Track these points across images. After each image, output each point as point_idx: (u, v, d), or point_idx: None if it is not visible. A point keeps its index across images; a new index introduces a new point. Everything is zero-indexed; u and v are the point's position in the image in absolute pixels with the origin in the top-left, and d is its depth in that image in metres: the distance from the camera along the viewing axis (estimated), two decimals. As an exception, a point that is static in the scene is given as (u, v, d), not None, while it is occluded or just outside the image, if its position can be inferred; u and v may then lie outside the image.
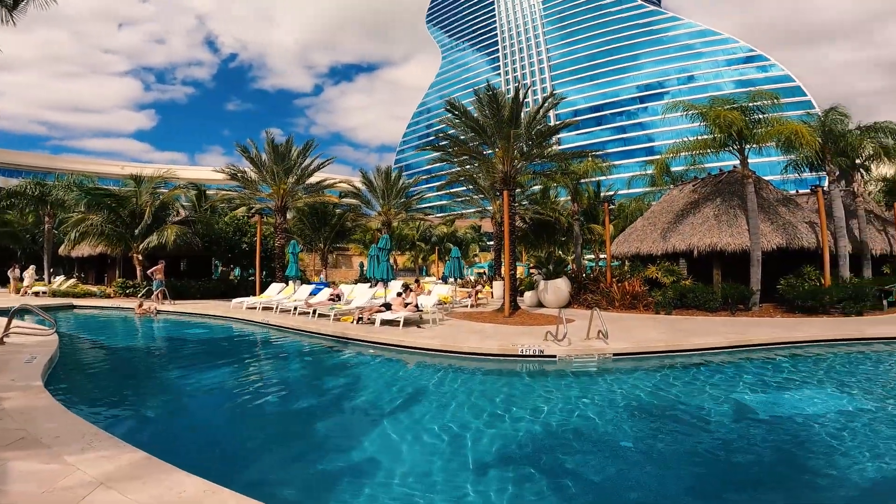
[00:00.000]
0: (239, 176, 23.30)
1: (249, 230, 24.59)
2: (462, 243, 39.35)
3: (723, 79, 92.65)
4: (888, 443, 4.86)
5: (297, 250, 19.02)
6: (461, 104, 18.60)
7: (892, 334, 9.98)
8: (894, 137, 15.58)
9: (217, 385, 7.76)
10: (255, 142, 23.40)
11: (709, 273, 16.14)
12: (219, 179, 25.81)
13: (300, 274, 18.94)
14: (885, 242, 18.16)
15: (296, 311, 14.07)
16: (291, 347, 11.29)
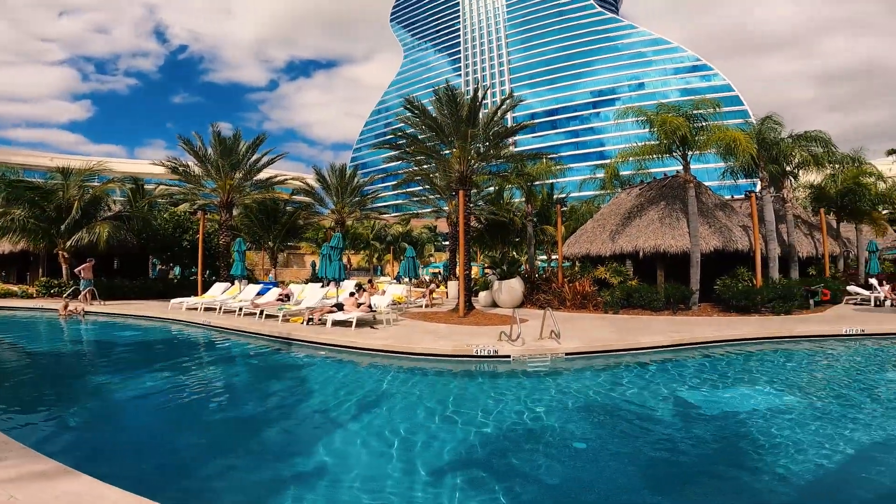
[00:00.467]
0: (181, 170, 21.97)
1: (192, 227, 23.23)
2: (417, 243, 39.13)
3: (670, 87, 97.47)
4: (819, 435, 5.17)
5: (242, 248, 18.16)
6: (420, 102, 18.40)
7: (818, 332, 10.77)
8: (822, 145, 16.88)
9: (150, 391, 7.19)
10: (200, 135, 22.21)
11: (653, 273, 16.82)
12: (159, 174, 24.24)
13: (246, 273, 18.09)
14: (811, 246, 19.72)
15: (241, 312, 13.38)
16: (235, 350, 10.70)
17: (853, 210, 20.31)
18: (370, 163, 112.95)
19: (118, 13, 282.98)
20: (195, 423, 5.85)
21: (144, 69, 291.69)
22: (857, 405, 6.42)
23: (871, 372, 8.54)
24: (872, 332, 10.67)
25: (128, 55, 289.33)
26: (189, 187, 22.55)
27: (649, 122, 15.84)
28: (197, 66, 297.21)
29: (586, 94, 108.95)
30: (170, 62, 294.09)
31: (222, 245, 20.84)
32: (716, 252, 15.89)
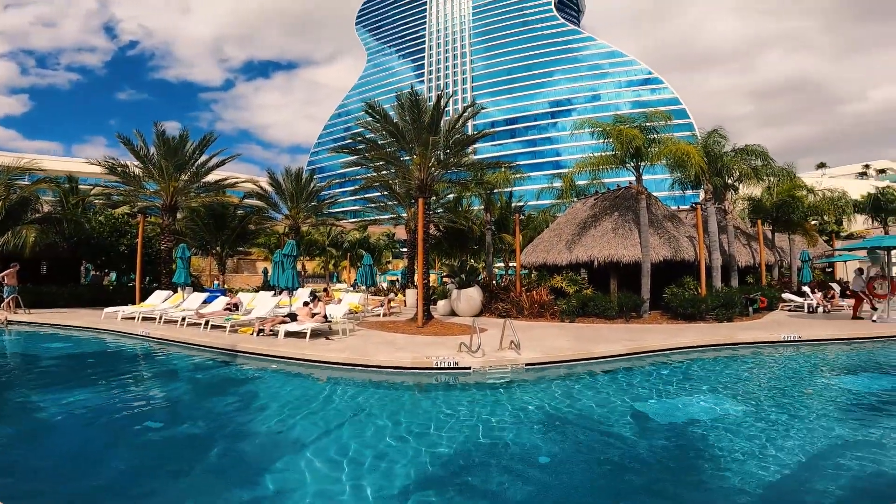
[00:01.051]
0: (119, 170, 20.47)
1: (130, 231, 21.67)
2: (375, 250, 38.50)
3: (623, 99, 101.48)
4: (765, 441, 5.35)
5: (187, 255, 17.08)
6: (381, 107, 17.93)
7: (759, 339, 11.37)
8: (761, 158, 18.01)
9: (78, 409, 6.50)
10: (142, 134, 20.82)
11: (607, 282, 17.31)
12: (97, 173, 22.45)
13: (191, 280, 17.03)
14: (749, 255, 20.95)
15: (184, 323, 12.51)
16: (176, 363, 9.94)
17: (787, 221, 21.80)
18: (328, 167, 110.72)
19: (68, 7, 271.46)
20: (128, 445, 5.31)
21: (89, 64, 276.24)
22: (801, 410, 6.75)
23: (813, 377, 9.06)
24: (808, 339, 11.39)
25: (72, 50, 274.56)
26: (129, 189, 21.06)
27: (606, 134, 16.27)
28: (146, 62, 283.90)
29: (545, 104, 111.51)
30: (117, 58, 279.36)
31: (164, 251, 19.52)
32: (665, 262, 16.51)
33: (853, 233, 32.47)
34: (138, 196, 21.15)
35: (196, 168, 22.05)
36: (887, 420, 6.22)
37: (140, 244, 18.08)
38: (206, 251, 28.09)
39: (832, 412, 6.67)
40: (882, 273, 14.43)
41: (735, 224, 20.90)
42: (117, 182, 21.33)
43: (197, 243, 26.71)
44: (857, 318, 14.62)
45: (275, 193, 28.82)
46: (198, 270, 27.72)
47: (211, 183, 23.84)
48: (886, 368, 9.68)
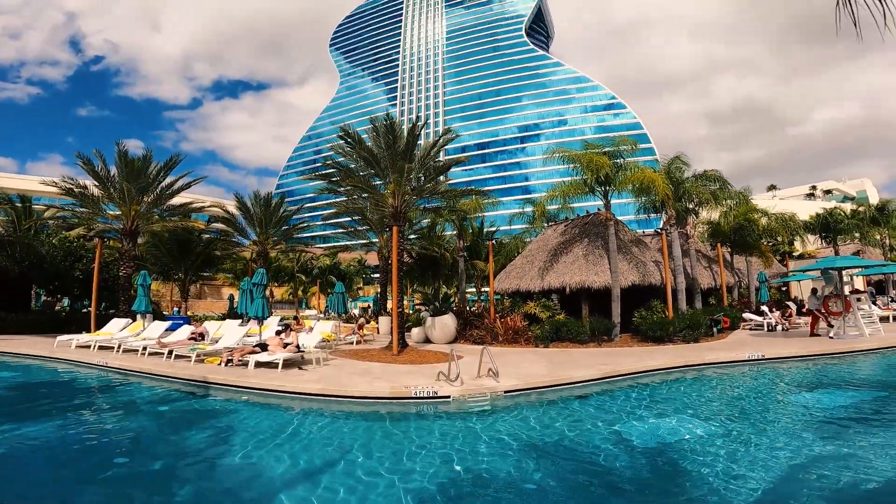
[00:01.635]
0: (77, 192, 19.54)
1: (86, 255, 20.53)
2: (346, 276, 37.82)
3: (587, 124, 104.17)
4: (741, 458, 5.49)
5: (147, 282, 16.34)
6: (356, 132, 17.77)
7: (726, 359, 11.82)
8: (718, 183, 19.00)
9: (26, 444, 5.98)
10: (102, 154, 20.03)
11: (579, 307, 17.60)
12: (51, 192, 21.32)
13: (151, 308, 16.23)
14: (711, 278, 21.89)
15: (145, 352, 11.85)
16: (137, 395, 9.34)
17: (744, 244, 22.98)
18: (297, 191, 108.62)
19: (34, 19, 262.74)
20: (83, 482, 4.89)
21: (51, 78, 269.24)
22: (772, 426, 6.99)
23: (780, 394, 9.45)
24: (771, 357, 11.94)
25: (34, 63, 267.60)
26: (86, 211, 20.05)
27: (575, 162, 16.76)
28: (111, 78, 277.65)
29: (514, 128, 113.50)
30: (80, 73, 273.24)
31: (123, 277, 18.57)
32: (633, 286, 17.01)
33: (805, 252, 34.29)
34: (96, 219, 20.16)
35: (160, 191, 21.33)
36: (854, 433, 6.53)
37: (97, 270, 17.16)
38: (167, 277, 26.85)
39: (803, 427, 6.93)
40: (835, 292, 15.29)
41: (697, 248, 21.81)
42: (74, 202, 20.27)
43: (158, 269, 25.53)
44: (814, 335, 15.42)
45: (242, 218, 28.06)
46: (157, 296, 26.38)
47: (175, 206, 23.03)
48: (848, 383, 10.27)
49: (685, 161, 19.27)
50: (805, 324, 17.40)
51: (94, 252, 18.55)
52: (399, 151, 15.89)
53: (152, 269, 24.32)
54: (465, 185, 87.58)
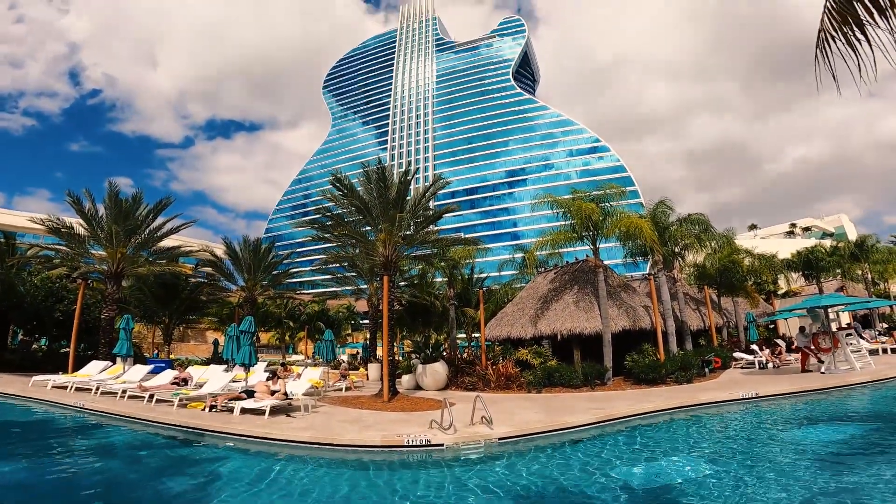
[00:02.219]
0: (63, 231, 19.28)
1: (68, 296, 19.98)
2: (334, 323, 37.19)
3: (572, 168, 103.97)
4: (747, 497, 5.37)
5: (131, 326, 15.90)
6: (347, 179, 17.73)
7: (720, 399, 11.77)
8: (702, 226, 19.47)
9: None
10: (91, 193, 19.89)
11: (570, 353, 17.55)
12: (37, 230, 21.01)
13: (133, 352, 15.67)
14: (700, 319, 22.10)
15: (125, 395, 11.34)
16: (114, 439, 8.85)
17: (729, 285, 23.36)
18: (287, 235, 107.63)
19: (37, 48, 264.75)
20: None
21: (47, 110, 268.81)
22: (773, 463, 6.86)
23: (778, 430, 9.37)
24: (765, 395, 11.94)
25: (33, 94, 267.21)
26: (71, 251, 19.67)
27: (565, 209, 17.15)
28: (106, 113, 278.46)
29: (502, 173, 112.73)
30: (77, 106, 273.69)
31: (105, 320, 18.03)
32: (624, 331, 17.10)
33: (789, 290, 34.81)
34: (81, 260, 19.76)
35: (148, 233, 21.14)
36: (853, 465, 6.49)
37: (78, 311, 16.69)
38: (151, 320, 26.09)
39: (803, 463, 6.83)
40: (823, 329, 15.58)
41: (684, 290, 22.08)
42: (59, 241, 19.91)
43: (142, 313, 24.85)
44: (805, 371, 15.57)
45: (230, 263, 27.76)
46: (139, 338, 25.48)
47: (163, 249, 22.79)
48: (844, 416, 10.30)
49: (669, 205, 19.82)
50: (795, 360, 17.58)
51: (75, 293, 18.09)
52: (390, 200, 15.84)
53: (136, 312, 23.68)
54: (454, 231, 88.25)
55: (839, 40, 3.00)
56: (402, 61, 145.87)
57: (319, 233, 19.14)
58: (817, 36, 3.12)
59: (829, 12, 3.03)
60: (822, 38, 3.09)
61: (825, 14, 3.04)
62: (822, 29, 3.08)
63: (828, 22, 3.05)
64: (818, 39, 3.11)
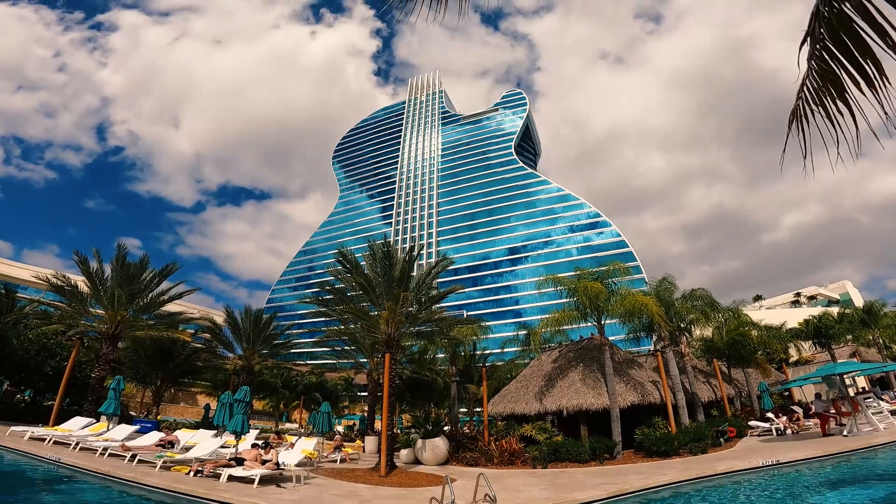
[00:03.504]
0: (67, 290, 19.30)
1: (60, 352, 19.51)
2: (332, 394, 35.64)
3: (573, 244, 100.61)
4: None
5: (121, 387, 15.40)
6: (353, 256, 17.73)
7: (739, 468, 11.00)
8: (707, 303, 19.36)
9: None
10: (100, 253, 20.14)
11: (576, 427, 16.89)
12: (40, 284, 21.02)
13: (120, 412, 14.97)
14: (710, 391, 21.30)
15: (105, 453, 10.67)
16: (87, 497, 8.17)
17: (739, 357, 22.77)
18: (288, 306, 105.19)
19: (72, 98, 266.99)
20: None
21: (70, 164, 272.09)
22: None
23: (803, 496, 8.66)
24: (788, 461, 11.17)
25: (59, 146, 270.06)
26: (71, 309, 19.49)
27: (569, 288, 17.18)
28: (126, 171, 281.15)
29: (504, 249, 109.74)
30: (99, 162, 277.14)
31: (96, 378, 17.46)
32: (632, 406, 16.57)
33: (801, 358, 34.06)
34: (80, 318, 19.55)
35: (150, 298, 21.14)
36: None
37: (69, 367, 16.29)
38: (143, 381, 25.15)
39: None
40: (841, 395, 15.16)
41: (693, 364, 21.56)
42: (60, 298, 19.82)
43: (135, 373, 24.04)
44: (827, 435, 14.83)
45: (229, 331, 27.39)
46: (126, 397, 24.31)
47: (163, 315, 22.65)
48: (873, 476, 9.63)
49: (673, 282, 19.96)
50: (815, 425, 16.87)
51: (69, 349, 17.71)
52: (395, 278, 15.76)
53: (128, 372, 22.93)
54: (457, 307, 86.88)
55: (818, 111, 2.80)
56: (409, 133, 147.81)
57: (324, 309, 18.99)
58: (795, 104, 2.91)
59: (809, 80, 2.83)
60: (799, 107, 2.90)
61: (806, 81, 2.84)
62: (800, 98, 2.89)
63: (806, 91, 2.85)
64: (795, 108, 2.91)
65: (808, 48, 2.74)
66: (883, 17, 2.29)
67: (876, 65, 2.46)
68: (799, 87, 2.90)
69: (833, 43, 2.58)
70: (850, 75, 2.58)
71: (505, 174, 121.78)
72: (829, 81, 2.72)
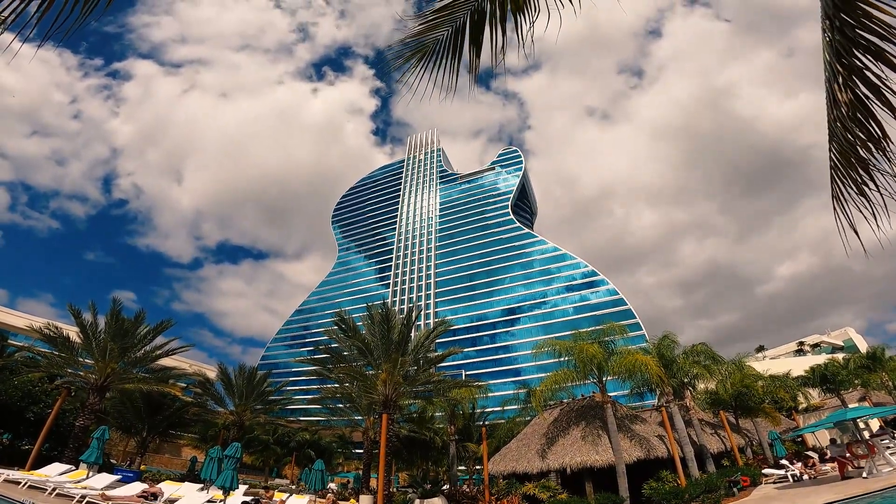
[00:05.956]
0: (59, 341, 19.02)
1: (45, 399, 18.90)
2: (326, 451, 33.76)
3: (569, 304, 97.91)
4: None
5: (106, 437, 14.81)
6: (351, 318, 17.81)
7: None
8: (709, 357, 19.12)
9: None
10: (95, 305, 19.84)
11: (581, 485, 16.34)
12: (31, 333, 20.64)
13: (102, 461, 14.27)
14: (719, 442, 20.61)
15: (83, 501, 10.07)
16: None
17: (746, 408, 22.14)
18: (283, 363, 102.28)
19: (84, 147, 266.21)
20: None
21: (74, 214, 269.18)
22: None
23: None
24: None
25: (66, 195, 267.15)
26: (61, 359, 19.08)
27: (567, 353, 17.10)
28: (127, 224, 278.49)
29: (499, 311, 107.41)
30: (102, 214, 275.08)
31: (80, 427, 16.80)
32: (638, 461, 16.07)
33: (810, 405, 33.42)
34: (67, 368, 19.08)
35: (143, 353, 20.79)
36: None
37: (53, 415, 15.79)
38: (128, 431, 24.03)
39: None
40: (856, 438, 14.86)
41: (699, 417, 21.01)
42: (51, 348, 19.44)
43: (120, 423, 23.08)
44: (846, 478, 14.21)
45: (222, 387, 26.71)
46: (109, 445, 23.02)
47: (155, 368, 22.18)
48: None
49: (674, 338, 19.93)
50: (832, 469, 16.19)
51: (54, 397, 17.15)
52: (393, 341, 15.77)
53: (113, 422, 22.01)
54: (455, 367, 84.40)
55: (849, 186, 2.55)
56: (407, 192, 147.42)
57: (321, 369, 18.61)
58: (830, 184, 2.69)
59: (833, 155, 2.65)
60: (834, 187, 2.66)
61: (831, 159, 2.65)
62: (833, 177, 2.66)
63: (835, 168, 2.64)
64: (832, 188, 2.68)
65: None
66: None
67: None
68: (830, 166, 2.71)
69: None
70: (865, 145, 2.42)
71: (502, 234, 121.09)
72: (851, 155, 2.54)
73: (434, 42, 3.39)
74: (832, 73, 2.41)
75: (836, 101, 2.42)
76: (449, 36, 3.34)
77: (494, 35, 3.20)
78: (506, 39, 3.19)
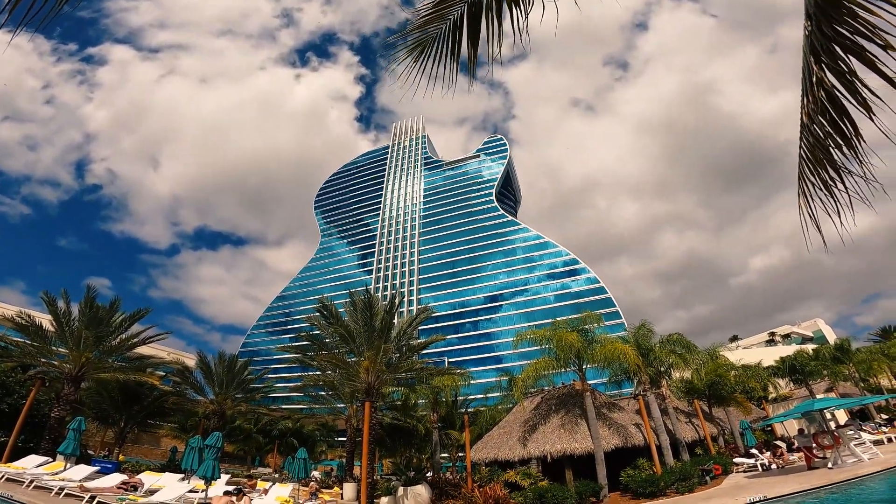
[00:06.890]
0: (31, 330, 18.42)
1: (19, 390, 18.36)
2: (308, 440, 33.80)
3: (551, 291, 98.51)
4: None
5: (82, 428, 14.53)
6: (333, 305, 17.74)
7: None
8: (684, 347, 19.70)
9: None
10: (68, 294, 19.23)
11: (561, 472, 16.72)
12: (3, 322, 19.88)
13: (79, 453, 14.01)
14: (693, 431, 21.22)
15: (61, 493, 9.92)
16: None
17: (719, 397, 22.89)
18: (264, 351, 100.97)
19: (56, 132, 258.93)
20: None
21: (46, 200, 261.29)
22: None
23: None
24: (775, 496, 11.11)
25: (38, 181, 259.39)
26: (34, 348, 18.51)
27: (547, 342, 17.47)
28: (100, 210, 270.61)
29: (483, 297, 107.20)
30: (75, 199, 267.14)
31: (55, 419, 16.40)
32: (616, 449, 16.49)
33: (779, 395, 34.49)
34: (41, 358, 18.52)
35: (119, 341, 20.30)
36: None
37: (27, 405, 15.35)
38: (105, 422, 23.58)
39: None
40: (822, 429, 15.36)
41: (674, 406, 21.70)
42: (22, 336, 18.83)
43: (97, 413, 22.61)
44: (812, 468, 14.79)
45: (201, 375, 26.29)
46: (86, 435, 22.60)
47: (132, 357, 21.70)
48: None
49: (650, 327, 20.42)
50: (799, 459, 16.81)
51: (27, 388, 16.66)
52: (376, 329, 15.70)
53: (90, 413, 21.58)
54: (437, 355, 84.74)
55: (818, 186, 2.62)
56: (391, 178, 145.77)
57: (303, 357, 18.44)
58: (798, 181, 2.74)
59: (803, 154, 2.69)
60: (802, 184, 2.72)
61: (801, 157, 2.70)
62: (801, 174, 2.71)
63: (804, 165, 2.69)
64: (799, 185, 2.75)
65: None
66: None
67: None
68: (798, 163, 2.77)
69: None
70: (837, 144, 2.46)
71: (486, 221, 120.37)
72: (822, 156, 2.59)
73: (433, 36, 3.35)
74: (809, 71, 2.43)
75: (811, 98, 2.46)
76: (447, 29, 3.33)
77: (490, 27, 3.19)
78: (501, 31, 3.18)
